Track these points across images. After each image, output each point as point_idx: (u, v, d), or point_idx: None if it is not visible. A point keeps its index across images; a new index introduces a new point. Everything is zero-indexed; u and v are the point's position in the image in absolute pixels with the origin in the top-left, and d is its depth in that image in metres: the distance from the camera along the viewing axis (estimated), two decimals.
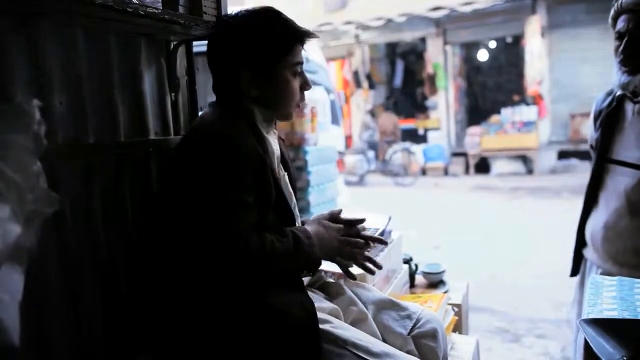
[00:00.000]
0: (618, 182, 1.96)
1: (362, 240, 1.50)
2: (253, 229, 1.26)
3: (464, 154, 12.29)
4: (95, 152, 1.37)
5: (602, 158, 2.01)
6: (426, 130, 13.20)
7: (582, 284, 2.16)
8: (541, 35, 11.27)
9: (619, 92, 1.97)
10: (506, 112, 11.70)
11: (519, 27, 11.69)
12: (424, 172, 12.20)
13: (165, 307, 1.34)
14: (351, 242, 1.48)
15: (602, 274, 1.89)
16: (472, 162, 12.05)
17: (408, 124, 13.48)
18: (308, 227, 1.43)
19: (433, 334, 1.50)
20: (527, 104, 11.63)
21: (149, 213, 1.52)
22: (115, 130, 1.45)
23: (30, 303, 0.99)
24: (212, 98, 1.50)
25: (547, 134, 11.59)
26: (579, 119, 10.98)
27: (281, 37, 1.39)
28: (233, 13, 1.42)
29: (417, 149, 12.17)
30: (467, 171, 12.16)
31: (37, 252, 1.16)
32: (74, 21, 1.31)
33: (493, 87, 14.79)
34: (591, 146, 2.18)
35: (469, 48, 14.10)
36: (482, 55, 14.42)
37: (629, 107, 1.95)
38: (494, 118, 11.97)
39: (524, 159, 11.47)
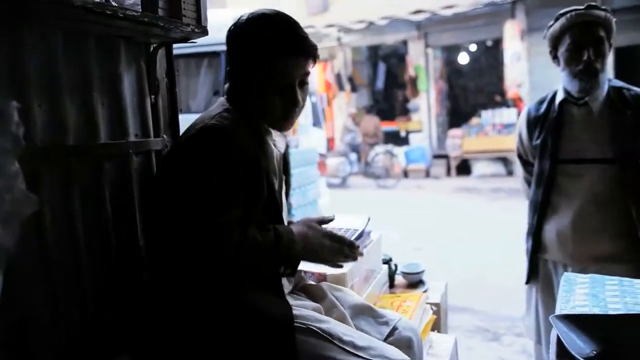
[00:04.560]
0: (579, 180, 2.05)
1: (348, 247, 1.47)
2: (237, 223, 1.27)
3: (445, 156, 12.38)
4: (75, 154, 1.37)
5: (555, 160, 2.10)
6: (408, 132, 13.28)
7: (548, 287, 2.19)
8: (520, 39, 11.41)
9: (561, 97, 2.11)
10: (486, 115, 11.83)
11: (499, 31, 11.81)
12: (405, 174, 12.27)
13: (146, 307, 1.35)
14: (336, 249, 1.45)
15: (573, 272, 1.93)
16: (454, 164, 12.15)
17: (390, 126, 13.55)
18: (293, 227, 1.44)
19: (408, 344, 1.51)
20: (508, 106, 11.76)
21: (146, 208, 1.54)
22: (95, 132, 1.44)
23: (8, 304, 0.99)
24: (193, 100, 1.51)
25: None
26: None
27: (272, 47, 1.35)
28: (245, 17, 1.41)
29: (399, 151, 12.24)
30: (448, 173, 12.26)
31: (16, 253, 1.16)
32: (53, 23, 1.31)
33: (474, 90, 14.93)
34: (519, 155, 2.31)
35: (450, 51, 14.23)
36: (463, 58, 14.56)
37: (574, 110, 2.09)
38: (475, 120, 12.09)
39: (505, 161, 11.59)
